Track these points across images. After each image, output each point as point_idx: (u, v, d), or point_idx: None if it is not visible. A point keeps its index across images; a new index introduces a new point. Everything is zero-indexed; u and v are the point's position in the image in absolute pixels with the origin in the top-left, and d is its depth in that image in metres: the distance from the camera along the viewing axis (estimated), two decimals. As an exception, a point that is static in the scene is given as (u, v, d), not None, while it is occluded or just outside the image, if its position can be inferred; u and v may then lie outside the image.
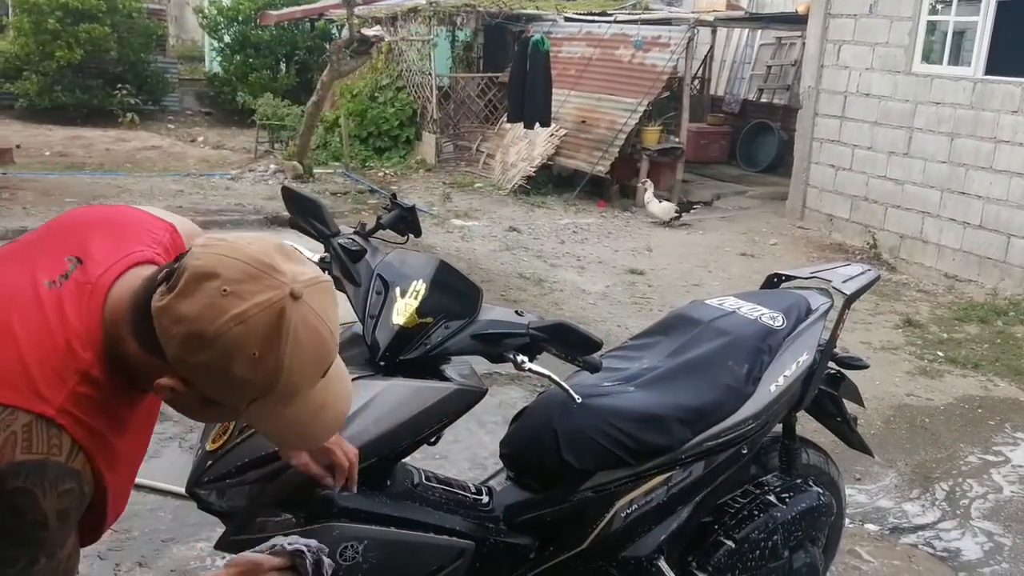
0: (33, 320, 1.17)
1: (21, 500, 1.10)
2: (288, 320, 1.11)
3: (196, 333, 1.09)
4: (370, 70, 12.83)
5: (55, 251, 1.26)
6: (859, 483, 4.04)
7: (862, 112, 8.69)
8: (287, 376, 1.13)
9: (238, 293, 1.10)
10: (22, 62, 14.26)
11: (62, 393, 1.14)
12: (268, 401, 1.16)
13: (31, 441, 1.11)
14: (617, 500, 2.21)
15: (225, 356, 1.10)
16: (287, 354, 1.12)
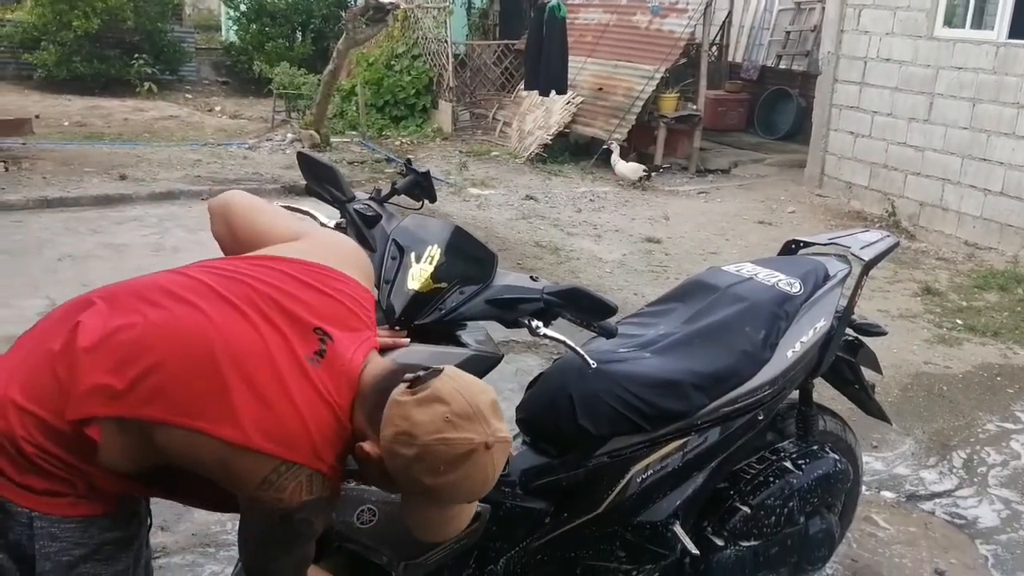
0: (308, 394, 1.48)
1: (303, 527, 1.54)
2: (475, 460, 1.43)
3: (412, 433, 1.41)
4: (386, 38, 12.76)
5: (294, 319, 1.53)
6: (876, 450, 4.04)
7: (882, 78, 8.57)
8: (449, 494, 1.46)
9: (455, 424, 1.42)
10: (40, 32, 14.25)
11: (333, 455, 1.51)
12: (423, 501, 1.49)
13: (312, 487, 1.48)
14: (633, 465, 2.21)
15: (420, 463, 1.42)
16: (461, 480, 1.43)
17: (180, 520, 3.19)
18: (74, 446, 1.45)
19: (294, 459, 1.44)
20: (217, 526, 3.16)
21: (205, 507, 1.78)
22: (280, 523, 1.51)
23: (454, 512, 1.55)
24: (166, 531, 3.13)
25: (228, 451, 1.42)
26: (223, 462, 1.44)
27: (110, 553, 1.56)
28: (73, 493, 1.49)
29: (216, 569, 2.95)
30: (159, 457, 1.48)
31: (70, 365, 1.45)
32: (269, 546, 1.58)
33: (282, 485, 1.45)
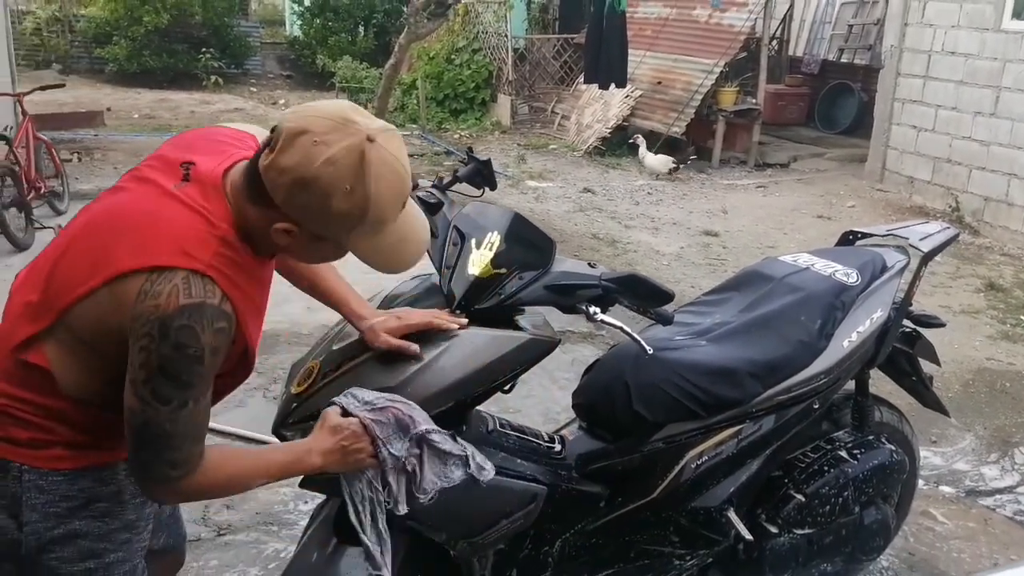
0: (173, 208, 1.45)
1: (185, 335, 1.37)
2: (369, 158, 1.39)
3: (298, 179, 1.37)
4: (447, 32, 12.86)
5: (167, 168, 1.53)
6: (935, 445, 3.99)
7: (947, 71, 8.38)
8: (375, 204, 1.41)
9: (326, 142, 1.37)
10: (112, 28, 14.68)
11: (207, 253, 1.42)
12: (363, 231, 1.44)
13: (190, 289, 1.38)
14: (687, 451, 2.24)
15: (323, 194, 1.38)
16: (372, 185, 1.39)
17: (244, 499, 3.29)
18: (35, 383, 1.49)
19: (161, 263, 1.38)
20: (280, 506, 3.27)
21: None
22: (161, 351, 1.36)
23: (397, 230, 1.49)
24: (231, 509, 3.24)
25: (110, 289, 1.40)
26: (110, 304, 1.41)
27: (105, 509, 1.58)
28: (58, 442, 1.52)
29: (279, 547, 3.05)
30: (97, 357, 1.47)
31: (5, 311, 1.55)
32: (157, 395, 1.40)
33: (157, 291, 1.36)
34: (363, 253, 1.50)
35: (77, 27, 15.41)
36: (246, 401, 4.04)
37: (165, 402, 1.41)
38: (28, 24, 14.99)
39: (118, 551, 1.61)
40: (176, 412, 1.42)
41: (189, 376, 1.40)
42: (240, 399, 4.05)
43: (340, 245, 1.49)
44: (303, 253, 1.53)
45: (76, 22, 15.45)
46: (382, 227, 1.46)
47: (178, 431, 1.44)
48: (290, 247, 1.48)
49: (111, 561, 1.60)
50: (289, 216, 1.42)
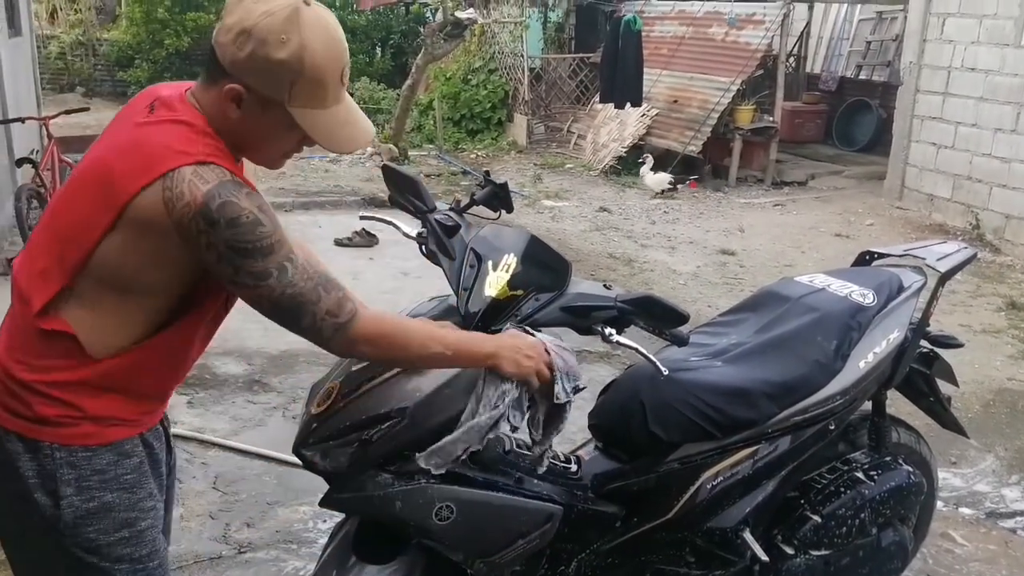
0: (152, 128, 1.54)
1: (228, 209, 1.46)
2: (303, 13, 1.50)
3: (240, 31, 1.49)
4: (463, 53, 12.96)
5: (133, 113, 1.61)
6: (955, 467, 3.97)
7: (967, 88, 8.36)
8: (310, 57, 1.50)
9: (266, 1, 1.50)
10: (134, 51, 14.90)
11: (199, 147, 1.50)
12: (304, 94, 1.52)
13: (203, 176, 1.47)
14: (703, 472, 2.25)
15: (262, 42, 1.48)
16: (306, 36, 1.49)
17: (264, 517, 3.32)
18: (60, 352, 1.56)
19: (165, 169, 1.46)
20: (299, 524, 3.29)
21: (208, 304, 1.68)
22: (222, 235, 1.45)
23: (340, 111, 1.60)
24: (251, 527, 3.27)
25: (128, 217, 1.47)
26: (136, 230, 1.48)
27: (132, 480, 1.65)
28: (85, 418, 1.58)
29: (299, 565, 3.07)
30: (125, 298, 1.55)
31: (16, 287, 1.62)
32: (252, 273, 1.50)
33: (179, 193, 1.45)
34: (310, 126, 1.57)
35: (100, 51, 15.63)
36: (266, 421, 4.07)
37: (265, 276, 1.50)
38: (53, 48, 15.23)
39: (147, 518, 1.68)
40: (283, 276, 1.51)
41: (261, 240, 1.48)
42: (260, 419, 4.09)
43: (287, 114, 1.54)
44: (256, 129, 1.57)
45: (99, 46, 15.69)
46: (319, 90, 1.54)
47: (302, 288, 1.53)
48: (242, 124, 1.55)
49: (143, 528, 1.67)
50: (236, 78, 1.51)
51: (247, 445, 3.81)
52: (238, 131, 1.57)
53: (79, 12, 16.13)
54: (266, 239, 1.49)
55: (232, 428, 4.01)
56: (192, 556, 3.09)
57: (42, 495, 1.58)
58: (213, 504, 3.42)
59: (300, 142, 1.63)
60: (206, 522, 3.29)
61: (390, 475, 1.88)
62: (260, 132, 1.59)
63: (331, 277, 1.61)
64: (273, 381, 4.42)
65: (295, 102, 1.54)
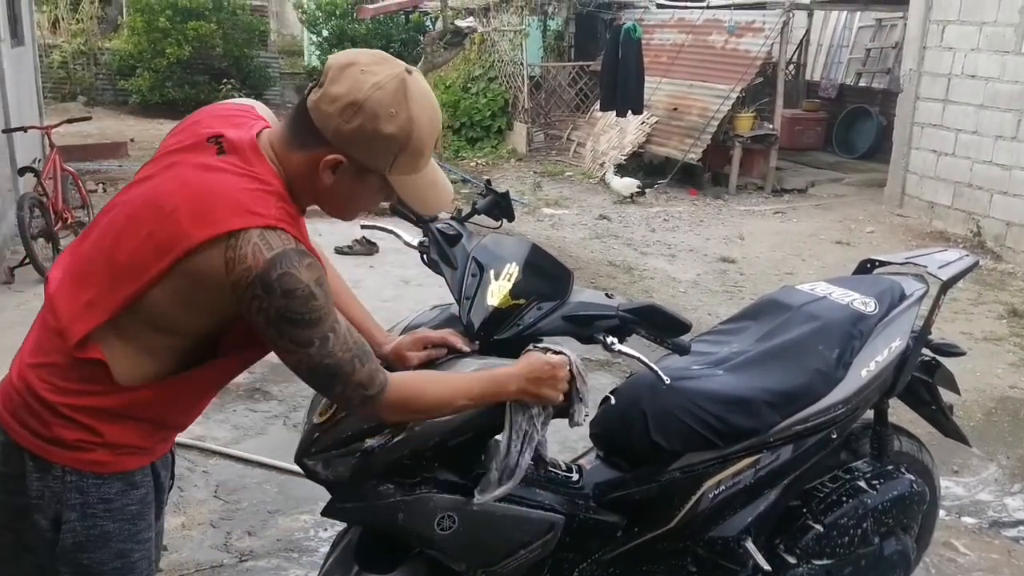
0: (224, 177, 1.52)
1: (287, 281, 1.46)
2: (410, 85, 1.53)
3: (349, 103, 1.49)
4: (463, 61, 13.00)
5: (195, 145, 1.58)
6: (957, 475, 3.96)
7: (967, 95, 8.38)
8: (417, 129, 1.53)
9: (372, 71, 1.51)
10: (135, 60, 14.95)
11: (271, 209, 1.50)
12: (403, 162, 1.55)
13: (269, 242, 1.47)
14: (705, 481, 2.24)
15: (372, 117, 1.49)
16: (414, 109, 1.52)
17: (266, 526, 3.32)
18: (87, 377, 1.55)
19: (233, 227, 1.45)
20: (300, 533, 3.29)
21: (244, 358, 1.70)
22: (275, 304, 1.46)
23: (429, 173, 1.62)
24: (252, 536, 3.26)
25: (186, 266, 1.47)
26: (191, 280, 1.48)
27: (135, 512, 1.65)
28: (101, 445, 1.57)
29: (300, 574, 3.06)
30: (163, 336, 1.55)
31: (52, 310, 1.59)
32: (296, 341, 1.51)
33: (242, 255, 1.45)
34: (404, 190, 1.60)
35: (102, 60, 15.70)
36: (267, 429, 4.07)
37: (307, 345, 1.52)
38: (55, 57, 15.29)
39: (141, 549, 1.68)
40: (324, 347, 1.53)
41: (311, 313, 1.49)
42: (261, 427, 4.09)
43: (383, 180, 1.57)
44: (343, 193, 1.58)
45: (101, 55, 15.75)
46: (419, 159, 1.57)
47: (340, 359, 1.55)
48: (333, 188, 1.56)
49: (135, 560, 1.67)
50: (337, 148, 1.52)
51: (248, 453, 3.80)
52: (323, 193, 1.59)
53: (81, 22, 16.18)
54: (316, 312, 1.50)
55: (233, 436, 4.01)
56: (193, 565, 3.08)
57: (42, 517, 1.58)
58: (214, 512, 3.41)
59: (381, 200, 1.66)
60: (207, 530, 3.29)
61: (392, 485, 1.87)
62: (349, 195, 1.60)
63: (367, 349, 1.63)
64: (274, 389, 4.42)
65: (395, 171, 1.57)
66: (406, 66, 1.56)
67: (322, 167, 1.53)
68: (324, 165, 1.52)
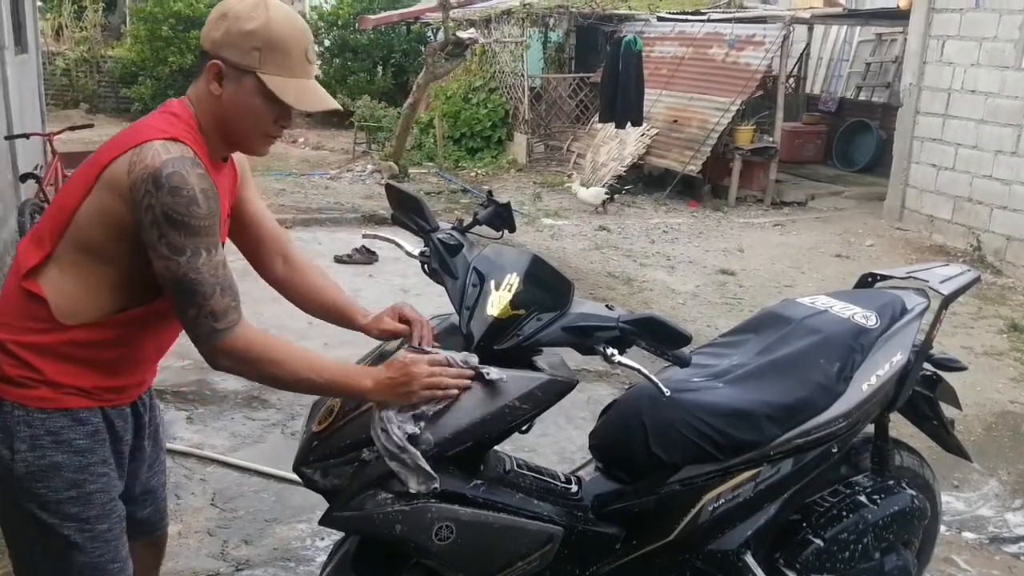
0: (142, 120, 1.77)
1: (175, 179, 1.62)
2: (270, 1, 1.75)
3: (221, 14, 1.74)
4: (464, 72, 13.03)
5: None
6: (957, 490, 3.95)
7: (967, 110, 8.40)
8: (276, 27, 1.73)
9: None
10: (138, 68, 15.01)
11: (175, 128, 1.71)
12: (270, 61, 1.73)
13: (168, 148, 1.65)
14: (704, 494, 2.23)
15: (235, 19, 1.72)
16: (272, 13, 1.74)
17: (263, 534, 3.30)
18: (32, 315, 1.73)
19: (141, 140, 1.67)
20: (297, 542, 3.27)
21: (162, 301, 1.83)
22: (160, 199, 1.61)
23: (306, 81, 1.81)
24: (249, 544, 3.24)
25: (102, 180, 1.67)
26: (106, 191, 1.67)
27: (84, 446, 1.78)
28: (43, 383, 1.74)
29: (296, 584, 3.05)
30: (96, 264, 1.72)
31: (15, 262, 1.81)
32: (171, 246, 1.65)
33: (143, 157, 1.64)
34: (279, 88, 1.74)
35: (104, 68, 15.74)
36: (265, 437, 4.06)
37: (180, 252, 1.65)
38: (58, 65, 15.33)
39: (96, 482, 1.80)
40: (193, 260, 1.65)
41: (191, 219, 1.64)
42: (259, 435, 4.08)
43: (258, 80, 1.73)
44: (233, 107, 1.76)
45: (104, 63, 15.80)
46: (286, 58, 1.75)
47: (203, 279, 1.67)
48: (224, 103, 1.75)
49: (91, 491, 1.79)
50: (213, 55, 1.74)
51: (246, 462, 3.79)
52: (221, 112, 1.77)
53: (84, 30, 16.24)
54: (195, 219, 1.64)
55: (231, 444, 3.99)
56: (190, 573, 3.07)
57: (3, 447, 1.75)
58: (211, 521, 3.40)
59: (278, 120, 1.80)
60: (204, 539, 3.27)
61: (390, 495, 1.86)
62: (240, 106, 1.76)
63: (235, 288, 1.74)
64: (272, 398, 4.41)
65: (266, 67, 1.74)
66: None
67: (208, 78, 1.74)
68: (208, 73, 1.74)
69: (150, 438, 2.04)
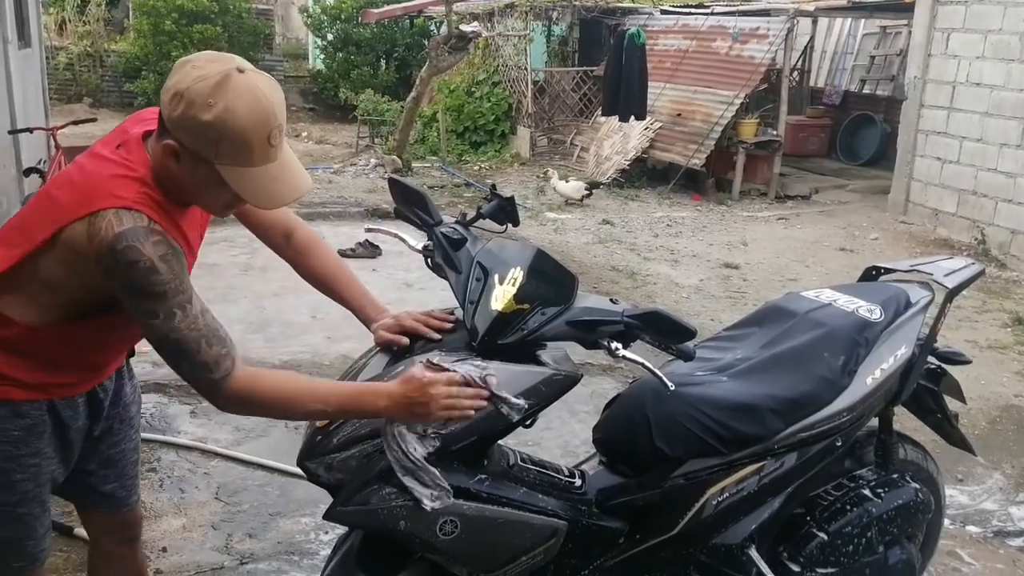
0: (102, 165, 1.73)
1: (130, 254, 1.62)
2: (232, 80, 1.63)
3: (175, 93, 1.63)
4: (467, 66, 13.01)
5: (112, 139, 1.82)
6: (961, 484, 3.94)
7: (972, 102, 8.37)
8: (233, 120, 1.62)
9: (203, 67, 1.65)
10: (141, 62, 15.01)
11: (131, 192, 1.68)
12: (227, 154, 1.65)
13: (121, 220, 1.64)
14: (708, 488, 2.23)
15: (190, 104, 1.62)
16: (231, 101, 1.62)
17: (267, 528, 3.31)
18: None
19: (96, 208, 1.65)
20: (301, 535, 3.28)
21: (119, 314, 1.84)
22: (122, 273, 1.63)
23: (269, 170, 1.71)
24: (253, 538, 3.25)
25: (62, 237, 1.69)
26: (67, 249, 1.70)
27: (18, 437, 1.85)
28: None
29: (300, 577, 3.06)
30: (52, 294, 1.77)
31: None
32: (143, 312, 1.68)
33: (97, 230, 1.64)
34: (235, 182, 1.69)
35: (108, 62, 15.73)
36: (269, 431, 4.06)
37: (153, 316, 1.67)
38: (61, 59, 15.33)
39: (24, 472, 1.88)
40: (169, 322, 1.68)
41: (154, 287, 1.65)
42: (263, 429, 4.08)
43: (214, 170, 1.68)
44: (191, 182, 1.72)
45: (107, 57, 15.80)
46: (244, 151, 1.66)
47: (185, 337, 1.69)
48: (180, 176, 1.71)
49: (16, 479, 1.88)
50: (171, 134, 1.67)
51: (249, 455, 3.80)
52: (177, 183, 1.72)
53: (88, 24, 16.23)
54: (159, 286, 1.65)
55: (235, 438, 4.00)
56: (194, 566, 3.08)
57: None
58: (215, 515, 3.40)
59: (236, 196, 1.73)
60: (208, 532, 3.28)
61: (394, 489, 1.86)
62: (195, 185, 1.73)
63: (221, 335, 1.74)
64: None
65: (222, 160, 1.67)
66: (240, 65, 1.67)
67: (163, 153, 1.69)
68: (164, 151, 1.69)
69: (115, 418, 2.09)
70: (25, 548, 1.96)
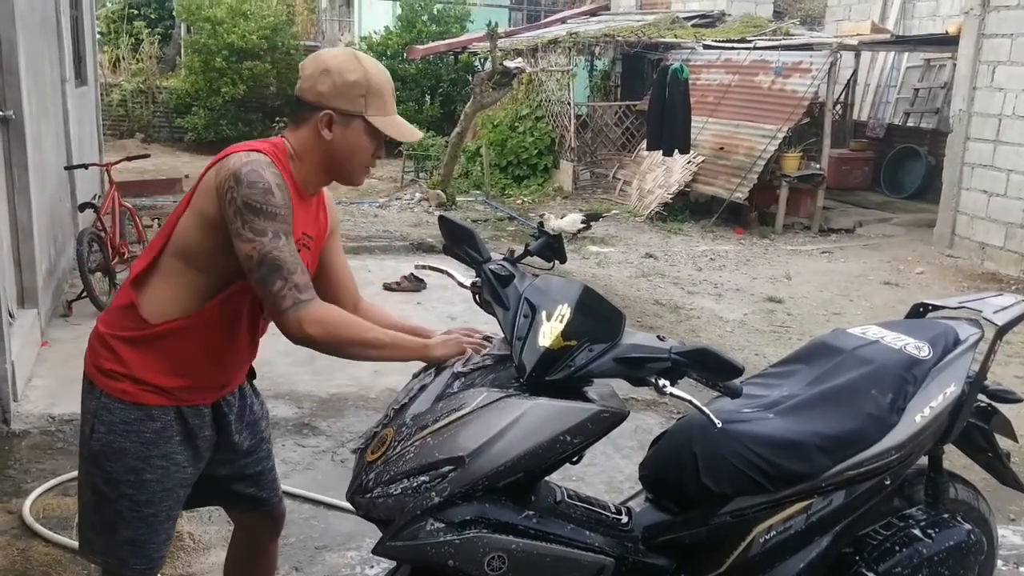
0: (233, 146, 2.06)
1: (252, 175, 1.92)
2: (359, 54, 2.09)
3: (325, 70, 2.03)
4: (511, 100, 13.15)
5: None
6: (1015, 524, 3.86)
7: (1018, 135, 8.27)
8: (372, 76, 2.04)
9: (333, 53, 2.09)
10: (192, 98, 15.40)
11: (259, 146, 2.02)
12: (372, 104, 2.04)
13: (249, 156, 1.96)
14: (755, 526, 2.22)
15: (338, 72, 2.02)
16: (367, 64, 2.06)
17: (313, 562, 3.34)
18: (129, 314, 2.05)
19: (226, 155, 1.98)
20: (347, 569, 3.30)
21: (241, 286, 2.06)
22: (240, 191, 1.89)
23: (397, 119, 2.10)
24: (300, 571, 3.28)
25: (198, 190, 2.00)
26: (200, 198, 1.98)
27: (150, 439, 2.06)
28: (127, 377, 2.04)
29: (346, 610, 3.08)
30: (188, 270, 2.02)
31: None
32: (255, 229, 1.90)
33: (227, 165, 1.94)
34: (384, 126, 2.06)
35: (159, 99, 16.17)
36: (315, 464, 4.11)
37: (262, 234, 1.90)
38: (115, 96, 15.78)
39: (154, 472, 2.07)
40: (275, 240, 1.91)
41: (268, 206, 1.91)
42: (309, 462, 4.13)
43: (366, 122, 2.03)
44: (344, 144, 2.04)
45: (159, 94, 16.22)
46: (382, 100, 2.06)
47: (285, 257, 1.92)
48: (334, 145, 2.03)
49: (147, 479, 2.07)
50: (324, 106, 2.01)
51: (296, 489, 3.84)
52: (331, 152, 2.05)
53: (140, 61, 16.70)
54: (272, 207, 1.91)
55: (281, 471, 4.01)
56: (242, 599, 3.11)
57: (87, 426, 2.08)
58: (263, 547, 3.44)
59: (375, 153, 2.10)
60: (256, 565, 3.32)
61: (443, 524, 1.89)
62: (348, 146, 2.05)
63: (306, 269, 1.99)
64: (322, 425, 4.47)
65: (370, 110, 2.04)
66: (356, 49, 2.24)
67: (321, 126, 2.02)
68: (321, 123, 2.02)
69: (242, 432, 2.29)
70: (147, 551, 2.12)
